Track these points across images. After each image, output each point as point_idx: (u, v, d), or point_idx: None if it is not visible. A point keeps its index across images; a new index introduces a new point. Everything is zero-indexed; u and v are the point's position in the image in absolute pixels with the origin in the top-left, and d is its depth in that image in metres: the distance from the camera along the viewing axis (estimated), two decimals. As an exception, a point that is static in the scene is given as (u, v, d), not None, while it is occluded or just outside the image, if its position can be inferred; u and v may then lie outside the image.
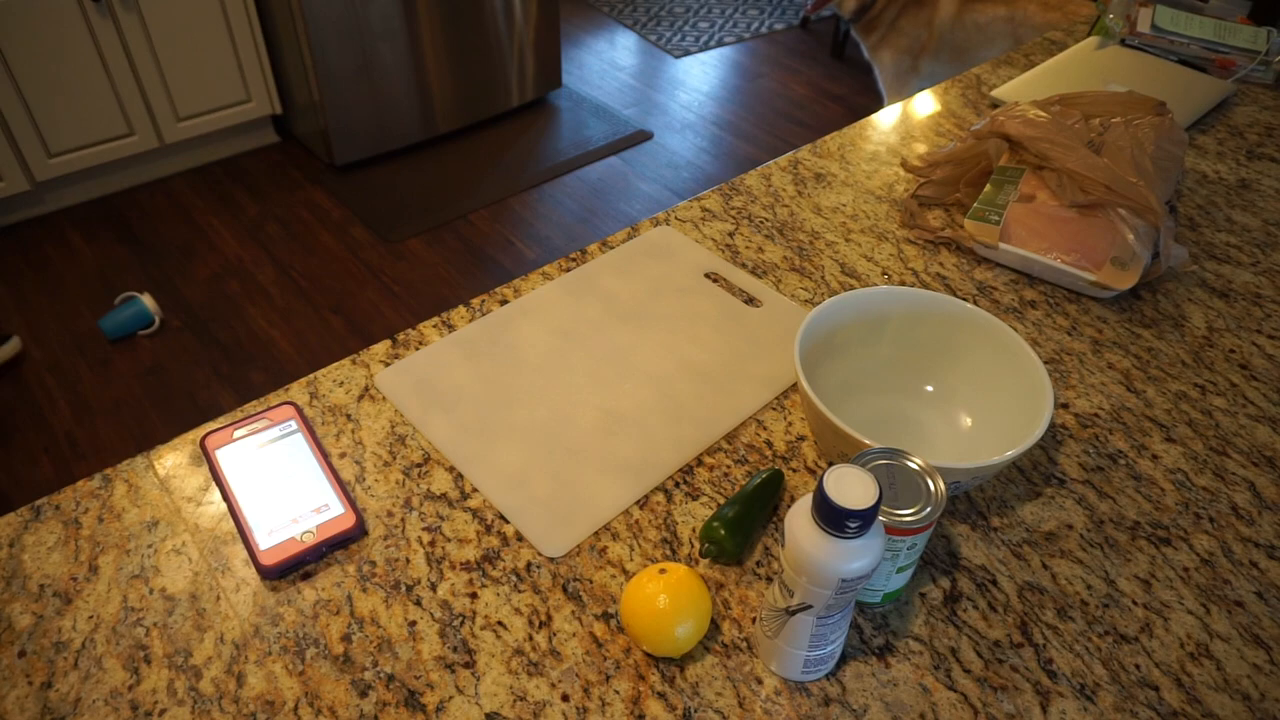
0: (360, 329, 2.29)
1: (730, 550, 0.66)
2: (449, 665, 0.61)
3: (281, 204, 2.71)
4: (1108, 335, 0.92)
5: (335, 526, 0.67)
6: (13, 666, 0.59)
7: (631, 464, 0.75)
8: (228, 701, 0.58)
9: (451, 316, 0.89)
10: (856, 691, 0.60)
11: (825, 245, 1.02)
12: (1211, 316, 0.95)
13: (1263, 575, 0.69)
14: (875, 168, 1.17)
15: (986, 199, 1.01)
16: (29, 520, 0.69)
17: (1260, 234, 1.08)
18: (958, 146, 1.09)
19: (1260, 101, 1.38)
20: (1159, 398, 0.85)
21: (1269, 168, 1.22)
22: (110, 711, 0.57)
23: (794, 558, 0.53)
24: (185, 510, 0.70)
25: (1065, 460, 0.78)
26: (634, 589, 0.61)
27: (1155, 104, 1.10)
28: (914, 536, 0.58)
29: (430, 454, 0.75)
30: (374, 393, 0.80)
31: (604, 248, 0.99)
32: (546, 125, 3.16)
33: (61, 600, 0.63)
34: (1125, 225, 0.94)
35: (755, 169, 1.15)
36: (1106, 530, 0.72)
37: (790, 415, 0.81)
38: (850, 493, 0.50)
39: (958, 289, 0.97)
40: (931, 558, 0.69)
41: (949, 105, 1.33)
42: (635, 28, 3.86)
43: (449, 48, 2.81)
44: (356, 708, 0.58)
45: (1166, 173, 1.01)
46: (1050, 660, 0.63)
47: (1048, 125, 1.02)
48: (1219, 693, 0.61)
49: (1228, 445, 0.80)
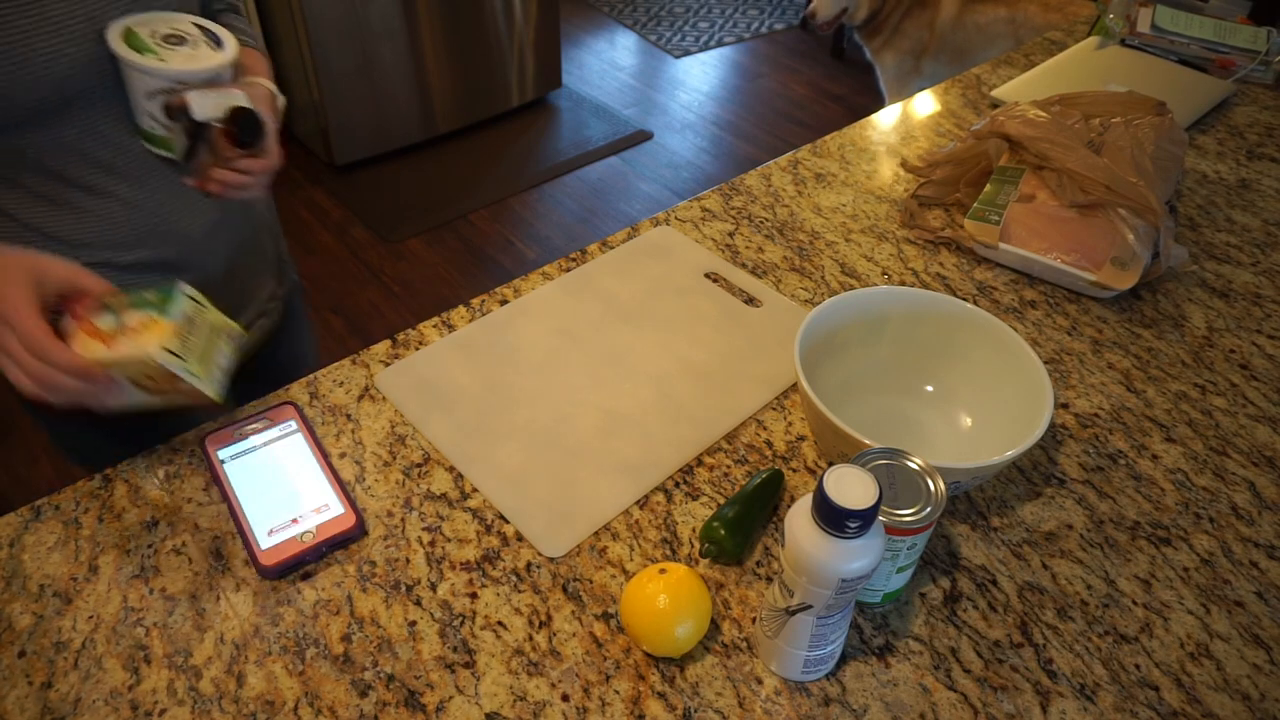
0: (360, 329, 2.29)
1: (730, 550, 0.66)
2: (449, 665, 0.61)
3: (281, 204, 2.69)
4: (1108, 335, 0.92)
5: (335, 526, 0.67)
6: (13, 666, 0.59)
7: (631, 464, 0.75)
8: (228, 701, 0.58)
9: (451, 316, 0.89)
10: (856, 691, 0.60)
11: (825, 245, 1.02)
12: (1211, 316, 0.95)
13: (1263, 575, 0.69)
14: (875, 168, 1.17)
15: (986, 199, 1.01)
16: (29, 520, 0.69)
17: (1260, 234, 1.08)
18: (958, 146, 1.09)
19: (1260, 101, 1.38)
20: (1159, 398, 0.85)
21: (1269, 168, 1.22)
22: (110, 711, 0.57)
23: (794, 558, 0.53)
24: (185, 510, 0.70)
25: (1065, 460, 0.78)
26: (634, 589, 0.61)
27: (1155, 104, 1.10)
28: (914, 536, 0.58)
29: (430, 454, 0.75)
30: (374, 393, 0.80)
31: (604, 248, 0.99)
32: (546, 125, 3.16)
33: (61, 600, 0.63)
34: (1125, 225, 0.94)
35: (755, 169, 1.15)
36: (1106, 530, 0.72)
37: (790, 415, 0.81)
38: (850, 493, 0.50)
39: (958, 289, 0.97)
40: (931, 558, 0.69)
41: (949, 105, 1.33)
42: (635, 28, 3.86)
43: (449, 47, 2.81)
44: (356, 708, 0.58)
45: (1166, 173, 1.01)
46: (1050, 660, 0.63)
47: (1048, 125, 1.02)
48: (1219, 693, 0.61)
49: (1228, 445, 0.80)
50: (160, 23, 0.73)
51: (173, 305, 0.66)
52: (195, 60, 0.73)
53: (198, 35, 0.75)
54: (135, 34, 0.71)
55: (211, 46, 0.75)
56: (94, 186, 0.76)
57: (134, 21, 0.72)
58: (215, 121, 0.73)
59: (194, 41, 0.74)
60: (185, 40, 0.74)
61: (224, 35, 0.77)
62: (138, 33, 0.71)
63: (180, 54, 0.73)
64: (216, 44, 0.76)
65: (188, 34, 0.74)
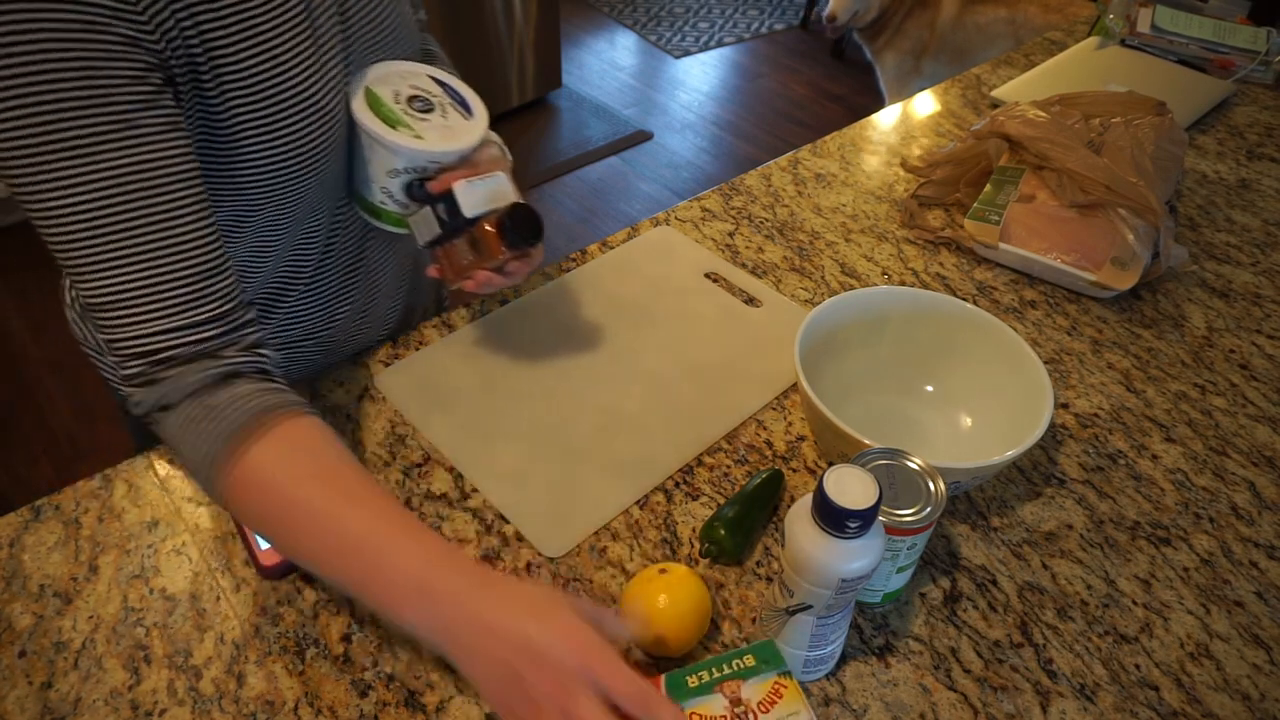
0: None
1: (730, 550, 0.66)
2: (449, 665, 0.61)
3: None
4: (1108, 335, 0.92)
5: (335, 526, 0.67)
6: (13, 666, 0.59)
7: (631, 464, 0.75)
8: (228, 701, 0.58)
9: (451, 317, 0.89)
10: (856, 691, 0.60)
11: (825, 245, 1.02)
12: (1211, 316, 0.95)
13: (1263, 575, 0.69)
14: (875, 168, 1.17)
15: (986, 199, 1.01)
16: (29, 520, 0.69)
17: (1260, 234, 1.08)
18: (958, 146, 1.09)
19: (1260, 101, 1.38)
20: (1159, 398, 0.85)
21: (1269, 168, 1.22)
22: (110, 711, 0.57)
23: (794, 558, 0.53)
24: (185, 510, 0.70)
25: (1065, 460, 0.78)
26: (634, 589, 0.61)
27: (1155, 104, 1.10)
28: (914, 536, 0.58)
29: (430, 454, 0.75)
30: (374, 393, 0.80)
31: (604, 248, 0.99)
32: (546, 125, 3.16)
33: (61, 600, 0.63)
34: (1125, 225, 0.94)
35: (755, 169, 1.15)
36: (1106, 530, 0.72)
37: (790, 415, 0.81)
38: (850, 493, 0.50)
39: (958, 289, 0.97)
40: (931, 558, 0.69)
41: (949, 105, 1.33)
42: (635, 28, 3.86)
43: (449, 47, 2.81)
44: (356, 708, 0.58)
45: (1166, 173, 1.01)
46: (1050, 660, 0.63)
47: (1048, 125, 1.02)
48: (1219, 693, 0.61)
49: (1228, 445, 0.80)
50: (398, 79, 0.65)
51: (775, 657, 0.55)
52: (452, 136, 0.64)
53: (442, 97, 0.65)
54: (379, 100, 0.62)
55: (461, 112, 0.66)
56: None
57: (373, 80, 0.63)
58: (484, 217, 0.65)
59: (440, 106, 0.65)
60: (432, 105, 0.64)
61: (469, 96, 0.67)
62: (381, 98, 0.63)
63: (433, 126, 0.63)
64: (464, 109, 0.66)
65: (431, 95, 0.65)
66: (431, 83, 0.66)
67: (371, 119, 0.62)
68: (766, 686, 0.53)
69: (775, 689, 0.53)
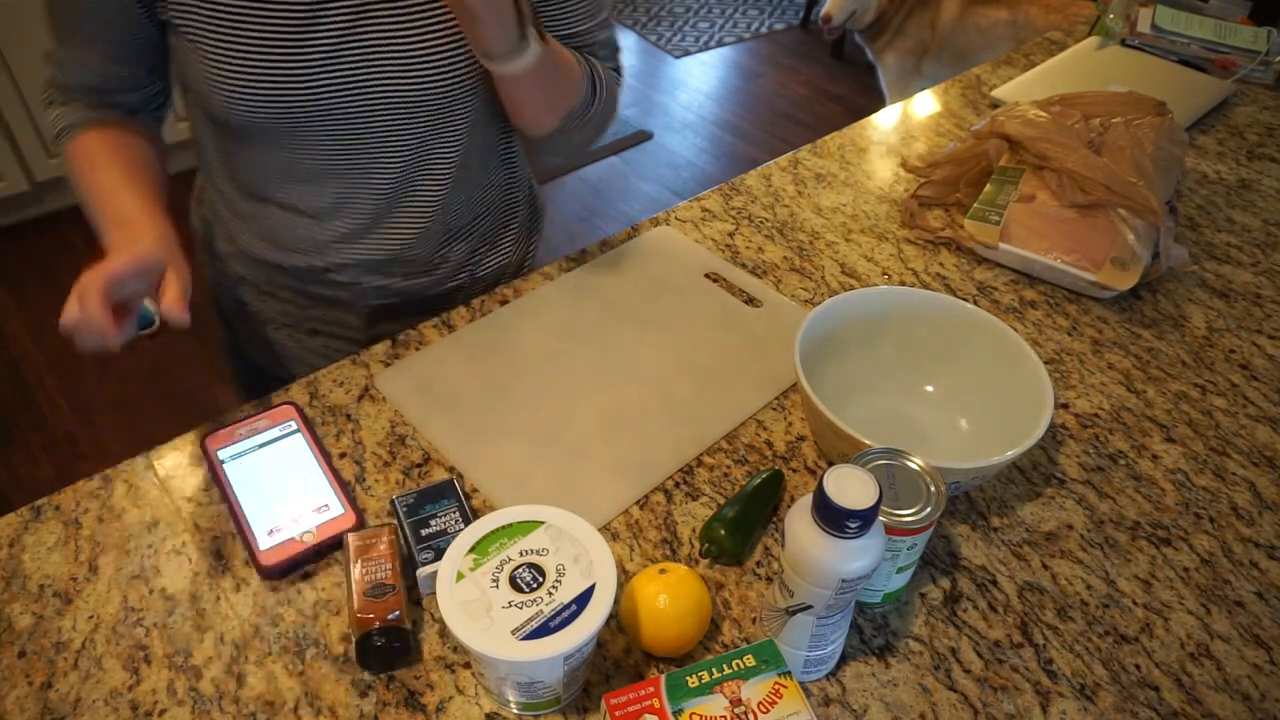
0: (360, 329, 2.29)
1: (730, 550, 0.66)
2: (449, 665, 0.61)
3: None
4: (1108, 335, 0.92)
5: (335, 526, 0.67)
6: (13, 666, 0.59)
7: (631, 464, 0.75)
8: (228, 701, 0.58)
9: (451, 317, 0.89)
10: (856, 691, 0.60)
11: (825, 245, 1.02)
12: (1211, 316, 0.95)
13: (1263, 575, 0.69)
14: (875, 168, 1.17)
15: (986, 199, 1.01)
16: (29, 520, 0.69)
17: (1260, 234, 1.08)
18: (958, 146, 1.09)
19: (1260, 101, 1.38)
20: (1159, 398, 0.85)
21: (1269, 168, 1.22)
22: (110, 711, 0.57)
23: (794, 558, 0.53)
24: (185, 510, 0.70)
25: (1065, 460, 0.78)
26: (634, 589, 0.61)
27: (1155, 104, 1.10)
28: (914, 536, 0.58)
29: (430, 454, 0.75)
30: (374, 393, 0.80)
31: (604, 248, 0.99)
32: (546, 125, 3.16)
33: (61, 600, 0.63)
34: (1125, 225, 0.94)
35: (755, 169, 1.15)
36: (1106, 530, 0.72)
37: (790, 415, 0.81)
38: (850, 493, 0.50)
39: (958, 289, 0.97)
40: (931, 558, 0.69)
41: (949, 105, 1.33)
42: (635, 28, 3.86)
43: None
44: (356, 708, 0.58)
45: (1166, 173, 1.01)
46: (1050, 660, 0.63)
47: (1048, 125, 1.02)
48: (1219, 693, 0.61)
49: (1228, 445, 0.80)
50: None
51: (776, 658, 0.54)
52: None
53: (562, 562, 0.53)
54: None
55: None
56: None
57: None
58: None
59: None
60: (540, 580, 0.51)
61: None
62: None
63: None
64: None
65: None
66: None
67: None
68: (766, 687, 0.53)
69: (775, 689, 0.53)
